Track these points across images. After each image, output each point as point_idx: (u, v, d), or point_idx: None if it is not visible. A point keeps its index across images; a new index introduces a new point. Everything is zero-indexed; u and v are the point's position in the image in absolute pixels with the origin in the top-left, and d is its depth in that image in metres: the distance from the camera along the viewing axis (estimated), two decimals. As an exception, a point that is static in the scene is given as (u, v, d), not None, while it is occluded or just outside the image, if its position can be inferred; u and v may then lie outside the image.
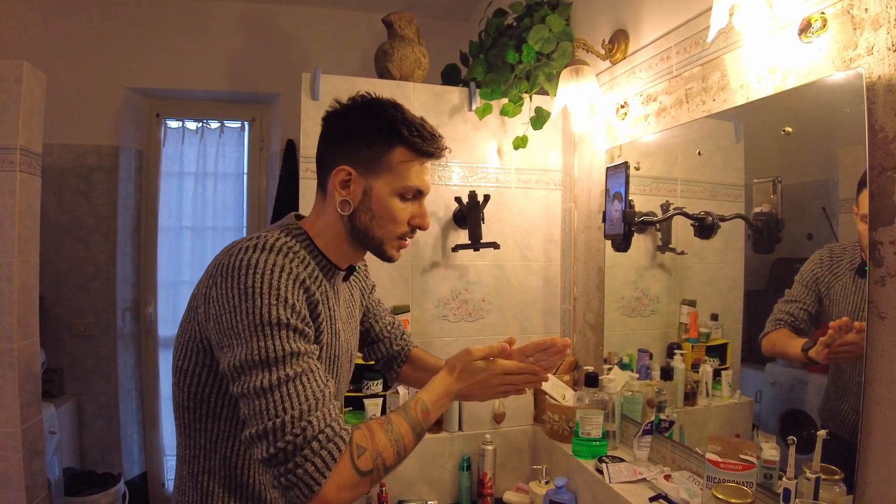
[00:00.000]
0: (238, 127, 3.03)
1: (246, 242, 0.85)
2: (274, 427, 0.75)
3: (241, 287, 0.79)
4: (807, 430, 1.29)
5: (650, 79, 1.65)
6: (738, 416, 1.52)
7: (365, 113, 0.93)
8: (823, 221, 1.25)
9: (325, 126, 0.97)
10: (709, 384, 1.57)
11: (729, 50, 1.36)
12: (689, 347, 1.64)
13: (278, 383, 0.77)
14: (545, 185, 2.13)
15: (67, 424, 2.64)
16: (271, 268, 0.81)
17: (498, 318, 2.08)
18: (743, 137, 1.49)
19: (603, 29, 1.88)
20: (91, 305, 2.76)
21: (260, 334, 0.78)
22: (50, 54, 2.59)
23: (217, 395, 0.88)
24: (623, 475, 1.51)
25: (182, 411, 0.91)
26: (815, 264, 1.23)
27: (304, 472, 0.74)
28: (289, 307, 0.81)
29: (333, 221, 0.94)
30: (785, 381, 1.38)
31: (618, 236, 1.51)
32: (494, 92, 1.96)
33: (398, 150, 0.92)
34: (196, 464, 0.92)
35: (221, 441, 0.90)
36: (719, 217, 1.51)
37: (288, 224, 0.96)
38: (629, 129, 1.75)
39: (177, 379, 0.91)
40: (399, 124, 0.91)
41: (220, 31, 2.83)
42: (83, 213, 2.74)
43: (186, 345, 0.89)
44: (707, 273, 1.66)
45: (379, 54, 2.00)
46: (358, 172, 0.92)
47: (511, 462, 1.90)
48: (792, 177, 1.34)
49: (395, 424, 0.86)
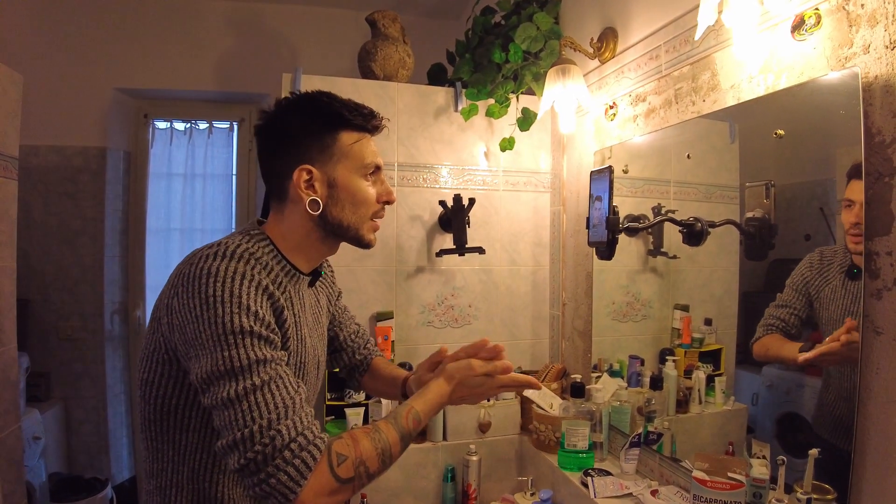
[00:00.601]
0: (227, 128, 2.99)
1: (207, 250, 0.83)
2: (243, 437, 0.74)
3: (203, 296, 0.78)
4: (802, 434, 1.26)
5: (639, 78, 1.59)
6: (732, 423, 1.48)
7: (300, 111, 0.92)
8: (821, 222, 1.22)
9: (264, 136, 0.95)
10: (702, 391, 1.53)
11: (719, 48, 1.31)
12: (681, 353, 1.60)
13: (245, 393, 0.75)
14: (534, 187, 2.07)
15: (55, 429, 2.61)
16: (232, 275, 0.80)
17: (485, 324, 2.03)
18: (738, 138, 1.44)
19: (592, 27, 1.82)
20: (78, 308, 2.72)
21: (224, 343, 0.77)
22: (36, 55, 2.55)
23: (185, 407, 0.87)
24: (609, 489, 1.46)
25: (148, 424, 0.89)
26: (806, 268, 1.21)
27: (278, 482, 0.73)
28: (251, 315, 0.80)
29: (300, 224, 0.93)
30: (781, 385, 1.34)
31: (601, 244, 1.45)
32: (480, 92, 1.90)
33: (344, 133, 0.92)
34: (164, 477, 0.90)
35: (190, 453, 0.88)
36: (709, 223, 1.45)
37: (249, 230, 0.94)
38: (618, 130, 1.69)
39: (142, 391, 0.89)
40: (337, 109, 0.91)
41: (208, 31, 2.79)
42: (70, 216, 2.70)
43: (151, 356, 0.87)
44: (701, 277, 1.62)
45: (362, 53, 1.95)
46: (316, 167, 0.91)
47: (497, 472, 1.85)
48: (789, 177, 1.30)
49: (382, 432, 0.85)
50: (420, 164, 1.94)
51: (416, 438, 1.74)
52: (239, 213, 2.99)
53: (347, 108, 0.92)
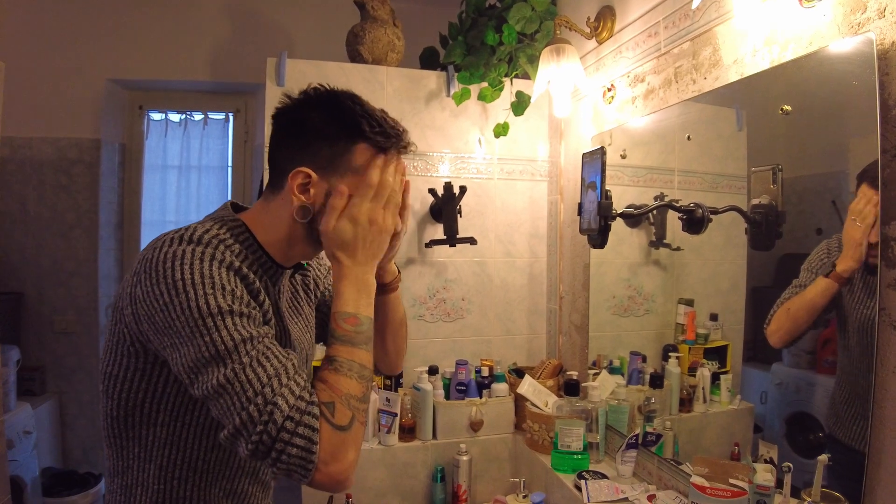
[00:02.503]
0: (222, 118, 2.93)
1: (171, 234, 0.78)
2: (243, 422, 0.70)
3: (170, 281, 0.73)
4: (813, 434, 1.21)
5: (637, 58, 1.50)
6: (738, 423, 1.42)
7: (320, 108, 0.84)
8: (833, 215, 1.16)
9: (276, 124, 0.88)
10: (706, 389, 1.46)
11: (721, 21, 1.23)
12: (685, 350, 1.53)
13: (235, 374, 0.71)
14: (530, 175, 1.99)
15: (49, 423, 2.58)
16: (200, 256, 0.75)
17: (479, 318, 1.95)
18: (745, 125, 1.38)
19: (588, 6, 1.73)
20: (72, 302, 2.69)
21: (202, 328, 0.72)
22: (27, 44, 2.52)
23: (151, 401, 0.81)
24: (603, 493, 1.38)
25: (111, 420, 0.84)
26: (824, 253, 1.15)
27: (290, 457, 0.69)
28: (228, 293, 0.74)
29: (286, 222, 0.85)
30: (791, 383, 1.29)
31: (593, 231, 1.37)
32: (473, 76, 1.82)
33: (360, 146, 0.84)
34: (129, 476, 0.84)
35: (157, 449, 0.83)
36: (711, 209, 1.36)
37: (223, 216, 0.86)
38: (616, 113, 1.61)
39: (105, 385, 0.83)
40: (359, 118, 0.83)
41: (202, 20, 2.73)
42: (64, 208, 2.67)
43: (115, 348, 0.81)
44: (706, 270, 1.55)
45: (350, 37, 1.88)
46: (318, 174, 0.83)
47: (489, 472, 1.77)
48: (799, 168, 1.24)
49: (335, 357, 0.78)
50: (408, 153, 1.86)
51: (405, 436, 1.70)
52: (235, 206, 2.94)
53: (370, 121, 0.83)
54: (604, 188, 1.34)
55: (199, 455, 0.85)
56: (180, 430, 0.83)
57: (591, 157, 1.38)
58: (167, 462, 0.83)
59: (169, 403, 0.82)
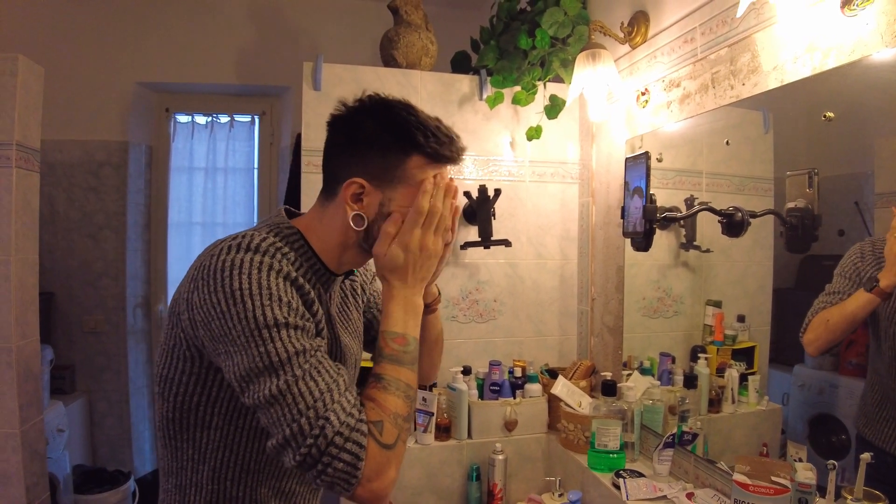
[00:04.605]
0: (248, 121, 2.97)
1: (229, 241, 0.78)
2: (293, 433, 0.71)
3: (228, 290, 0.74)
4: (836, 436, 1.24)
5: (672, 63, 1.52)
6: (766, 423, 1.45)
7: (374, 117, 0.84)
8: (856, 217, 1.19)
9: (332, 131, 0.88)
10: (735, 390, 1.48)
11: (760, 28, 1.25)
12: (713, 351, 1.55)
13: (287, 386, 0.72)
14: (561, 178, 2.01)
15: (78, 421, 2.62)
16: (258, 266, 0.75)
17: (511, 320, 1.97)
18: (772, 127, 1.40)
19: (621, 11, 1.75)
20: (101, 302, 2.74)
21: (258, 338, 0.73)
22: (57, 49, 2.56)
23: (206, 404, 0.83)
24: (642, 492, 1.41)
25: (167, 423, 0.85)
26: (857, 258, 1.16)
27: (335, 470, 0.71)
28: (283, 305, 0.75)
29: (340, 230, 0.86)
30: (814, 384, 1.31)
31: (637, 234, 1.39)
32: (506, 79, 1.85)
33: (414, 158, 0.84)
34: (183, 476, 0.86)
35: (211, 452, 0.85)
36: (749, 213, 1.38)
37: (278, 223, 0.87)
38: (650, 117, 1.63)
39: (161, 388, 0.85)
40: (413, 129, 0.82)
41: (228, 23, 2.77)
42: (93, 209, 2.72)
43: (171, 352, 0.83)
44: (734, 272, 1.58)
45: (384, 41, 1.90)
46: (371, 185, 0.83)
47: (523, 472, 1.80)
48: (822, 170, 1.25)
49: (383, 376, 0.80)
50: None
51: (441, 435, 1.73)
52: (261, 207, 2.97)
53: (424, 132, 0.83)
54: (649, 192, 1.37)
55: (252, 457, 0.86)
56: (233, 433, 0.84)
57: (636, 162, 1.41)
58: (220, 464, 0.85)
59: (223, 407, 0.83)
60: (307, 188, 1.81)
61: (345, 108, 0.86)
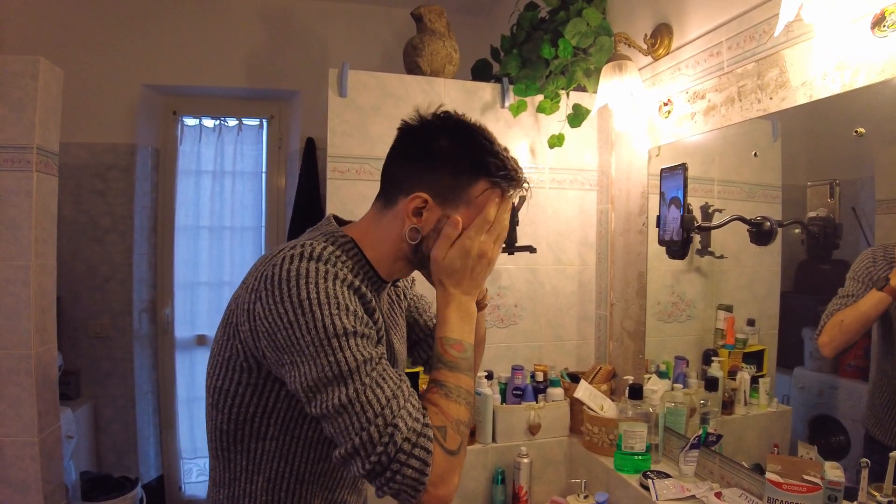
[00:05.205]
0: (256, 125, 2.97)
1: (290, 251, 0.78)
2: (363, 442, 0.72)
3: (296, 300, 0.73)
4: (835, 437, 1.27)
5: (697, 75, 1.57)
6: (777, 425, 1.48)
7: (454, 137, 0.85)
8: (853, 222, 1.24)
9: (403, 141, 0.89)
10: (746, 392, 1.51)
11: (789, 45, 1.28)
12: (725, 354, 1.59)
13: (356, 395, 0.72)
14: (580, 185, 2.05)
15: (84, 427, 2.59)
16: (324, 275, 0.75)
17: (531, 324, 2.00)
18: (780, 136, 1.43)
19: (642, 23, 1.80)
20: (107, 306, 2.71)
21: (328, 348, 0.73)
22: (65, 50, 2.53)
23: (262, 415, 0.83)
24: (670, 492, 1.44)
25: (220, 434, 0.85)
26: (869, 262, 1.20)
27: (404, 477, 0.72)
28: (351, 314, 0.76)
29: (394, 240, 0.87)
30: (814, 386, 1.35)
31: (675, 243, 1.43)
32: (529, 88, 1.88)
33: (481, 182, 0.85)
34: (237, 487, 0.86)
35: (266, 462, 0.85)
36: (777, 222, 1.43)
37: (333, 232, 0.88)
38: (673, 127, 1.67)
39: (214, 399, 0.84)
40: (488, 157, 0.84)
41: (238, 27, 2.77)
42: (99, 213, 2.69)
43: (226, 363, 0.82)
44: (744, 277, 1.62)
45: (408, 49, 1.92)
46: (435, 201, 0.84)
47: (546, 475, 1.83)
48: (822, 175, 1.32)
49: (444, 382, 0.81)
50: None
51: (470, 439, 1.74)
52: (268, 211, 2.96)
53: (496, 161, 0.85)
54: (686, 202, 1.40)
55: (306, 467, 0.86)
56: (289, 443, 0.84)
57: (672, 173, 1.45)
58: (275, 475, 0.85)
59: (279, 418, 0.83)
60: (333, 194, 1.82)
61: (420, 119, 0.87)
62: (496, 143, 0.87)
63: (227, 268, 2.92)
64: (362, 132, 1.83)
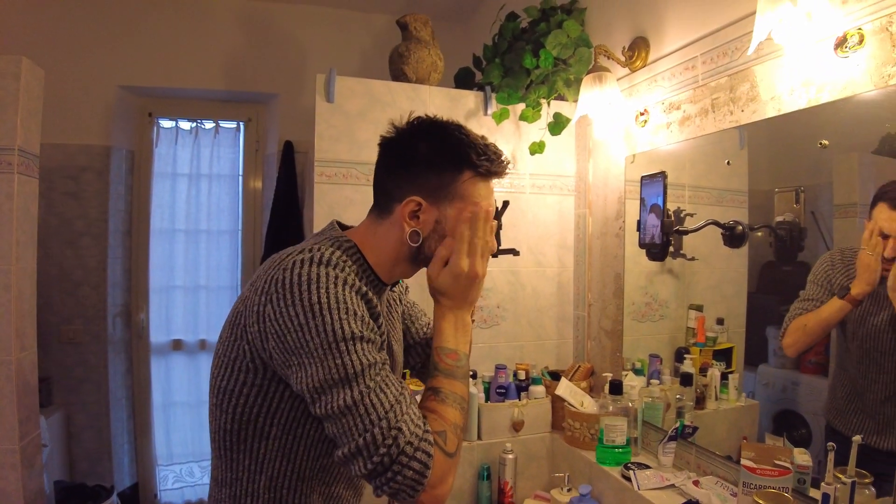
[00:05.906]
0: (234, 127, 2.95)
1: (299, 256, 0.81)
2: (366, 443, 0.75)
3: (307, 303, 0.77)
4: (797, 430, 1.35)
5: (673, 87, 1.66)
6: (745, 418, 1.56)
7: (429, 139, 0.90)
8: (812, 226, 1.31)
9: (385, 153, 0.93)
10: (717, 388, 1.59)
11: (760, 62, 1.37)
12: (697, 352, 1.66)
13: (361, 397, 0.76)
14: (559, 190, 2.12)
15: (57, 436, 2.53)
16: (334, 281, 0.79)
17: (512, 325, 2.07)
18: (747, 144, 1.51)
19: (620, 36, 1.88)
20: (80, 311, 2.65)
21: (335, 351, 0.76)
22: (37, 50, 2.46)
23: (266, 415, 0.85)
24: (651, 482, 1.51)
25: (224, 433, 0.87)
26: (828, 266, 1.27)
27: (405, 478, 0.75)
28: (358, 319, 0.79)
29: (395, 245, 0.92)
30: (777, 383, 1.43)
31: (655, 246, 1.51)
32: (511, 97, 1.94)
33: (466, 174, 0.90)
34: (239, 486, 0.88)
35: (268, 462, 0.87)
36: (749, 226, 1.52)
37: (337, 237, 0.91)
38: (650, 136, 1.75)
39: (218, 400, 0.87)
40: (467, 149, 0.89)
41: (216, 30, 2.75)
42: (72, 216, 2.63)
43: (232, 364, 0.84)
44: (713, 278, 1.70)
45: (394, 56, 1.96)
46: (428, 202, 0.89)
47: (529, 470, 1.89)
48: (788, 182, 1.41)
49: (442, 390, 0.87)
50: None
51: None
52: (245, 215, 2.95)
53: (476, 151, 0.89)
54: (665, 208, 1.49)
55: (307, 465, 0.89)
56: (292, 442, 0.87)
57: (652, 180, 1.53)
58: (277, 473, 0.88)
59: (282, 418, 0.85)
60: (320, 198, 1.84)
61: (396, 130, 0.92)
62: (472, 135, 0.91)
63: (203, 272, 2.89)
64: (349, 137, 1.86)
